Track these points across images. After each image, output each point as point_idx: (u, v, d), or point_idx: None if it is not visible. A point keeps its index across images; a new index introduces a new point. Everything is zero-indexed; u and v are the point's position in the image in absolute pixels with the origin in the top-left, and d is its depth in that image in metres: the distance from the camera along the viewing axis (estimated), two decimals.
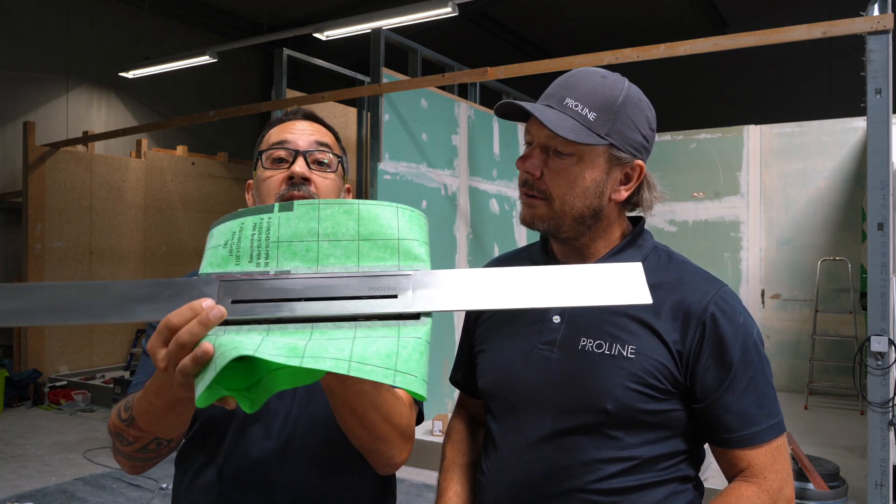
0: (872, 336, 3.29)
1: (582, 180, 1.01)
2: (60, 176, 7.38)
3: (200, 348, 0.68)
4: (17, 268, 7.61)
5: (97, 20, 9.38)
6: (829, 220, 6.61)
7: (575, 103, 1.00)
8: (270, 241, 0.81)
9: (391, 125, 4.94)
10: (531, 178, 1.03)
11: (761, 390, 1.00)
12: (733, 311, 1.01)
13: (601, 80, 1.02)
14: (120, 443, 1.01)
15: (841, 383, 6.32)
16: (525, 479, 1.03)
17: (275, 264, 0.79)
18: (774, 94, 10.16)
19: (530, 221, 1.06)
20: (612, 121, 1.00)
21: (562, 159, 1.01)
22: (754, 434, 0.98)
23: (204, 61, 7.63)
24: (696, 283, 1.04)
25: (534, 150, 1.04)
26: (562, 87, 1.03)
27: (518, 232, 6.56)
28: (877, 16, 3.38)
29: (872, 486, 3.30)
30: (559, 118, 0.99)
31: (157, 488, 4.24)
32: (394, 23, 5.86)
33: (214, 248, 0.82)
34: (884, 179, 3.29)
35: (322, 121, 1.24)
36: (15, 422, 6.00)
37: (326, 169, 1.17)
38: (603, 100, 1.00)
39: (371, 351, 0.69)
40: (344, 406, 0.93)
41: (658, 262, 1.08)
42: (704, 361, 0.99)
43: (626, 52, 4.02)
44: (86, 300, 0.74)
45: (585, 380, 1.00)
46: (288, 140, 1.16)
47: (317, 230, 0.82)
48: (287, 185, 1.12)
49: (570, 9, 9.91)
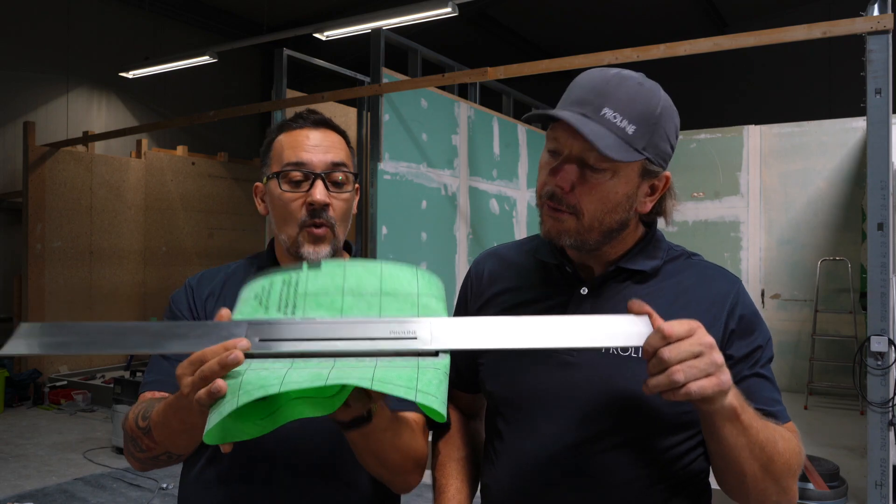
0: (872, 336, 3.29)
1: (615, 195, 0.98)
2: (60, 176, 7.37)
3: (215, 384, 0.76)
4: (17, 268, 7.61)
5: (97, 20, 9.37)
6: (829, 220, 6.61)
7: (614, 114, 0.94)
8: (298, 294, 0.87)
9: (391, 125, 4.94)
10: (560, 192, 0.98)
11: (770, 377, 1.04)
12: (752, 304, 1.05)
13: (639, 89, 0.96)
14: (134, 448, 1.05)
15: (841, 383, 6.32)
16: (545, 486, 1.00)
17: (301, 313, 0.86)
18: (774, 94, 10.15)
19: (557, 236, 1.00)
20: (650, 134, 0.96)
21: (596, 174, 0.96)
22: (781, 412, 1.01)
23: (204, 61, 7.62)
24: (717, 280, 1.05)
25: (565, 163, 0.97)
26: (597, 93, 0.96)
27: (518, 232, 6.56)
28: (877, 16, 3.38)
29: (872, 486, 3.30)
30: (600, 132, 0.93)
31: (157, 488, 4.24)
32: (394, 23, 5.86)
33: (245, 300, 0.89)
34: (884, 179, 3.29)
35: (333, 125, 1.23)
36: (15, 422, 6.00)
37: (343, 189, 1.18)
38: (642, 111, 0.95)
39: (392, 374, 0.75)
40: (366, 451, 0.97)
41: (676, 265, 1.08)
42: (728, 351, 1.00)
43: (626, 52, 4.02)
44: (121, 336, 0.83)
45: (616, 383, 0.98)
46: (304, 162, 1.15)
47: (342, 286, 0.89)
48: (307, 213, 1.14)
49: (570, 9, 9.91)
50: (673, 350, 0.79)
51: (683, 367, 0.78)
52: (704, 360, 0.79)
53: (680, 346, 0.79)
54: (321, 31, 6.49)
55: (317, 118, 1.21)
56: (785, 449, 0.93)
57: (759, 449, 0.89)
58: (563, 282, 1.07)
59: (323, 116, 1.22)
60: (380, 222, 4.74)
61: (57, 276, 7.32)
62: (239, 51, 9.96)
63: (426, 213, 5.24)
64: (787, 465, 0.93)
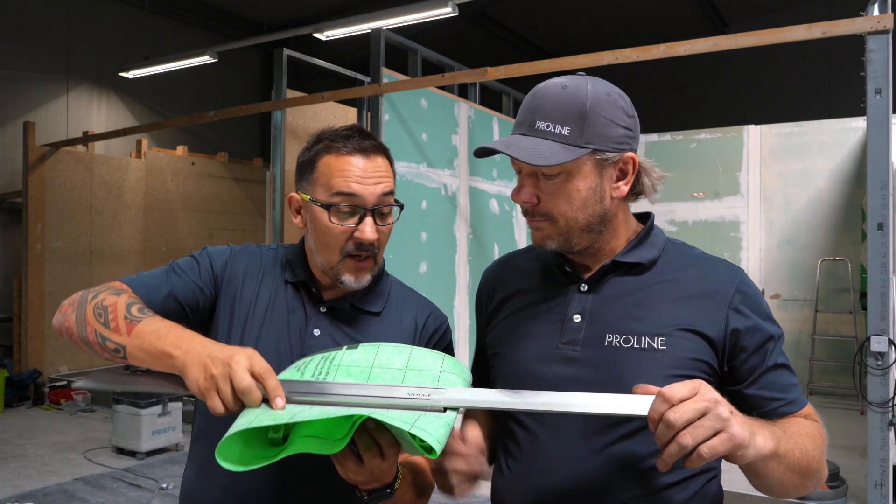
0: (872, 336, 3.29)
1: (577, 193, 1.02)
2: (60, 176, 7.37)
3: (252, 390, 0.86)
4: (17, 268, 7.61)
5: (97, 20, 9.37)
6: (829, 220, 6.61)
7: (546, 124, 1.00)
8: (332, 365, 0.96)
9: (391, 125, 4.94)
10: (530, 206, 1.04)
11: (788, 363, 1.06)
12: (756, 294, 1.06)
13: (563, 92, 1.01)
14: (97, 320, 1.03)
15: (841, 383, 6.32)
16: (559, 481, 1.01)
17: (332, 378, 0.94)
18: (774, 94, 10.15)
19: (542, 243, 1.06)
20: (586, 127, 0.99)
21: (552, 180, 1.01)
22: (798, 398, 1.04)
23: (204, 61, 7.63)
24: (718, 271, 1.07)
25: (524, 179, 1.04)
26: (529, 111, 1.02)
27: (518, 232, 6.56)
28: (877, 16, 3.38)
29: (872, 486, 3.30)
30: (533, 146, 0.99)
31: (157, 488, 4.24)
32: (394, 23, 5.86)
33: (286, 371, 0.97)
34: (884, 179, 3.29)
35: (382, 148, 1.18)
36: (15, 422, 6.00)
37: (388, 219, 1.17)
38: (571, 111, 0.99)
39: (395, 413, 0.83)
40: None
41: (675, 257, 1.09)
42: (741, 344, 1.01)
43: (626, 52, 4.01)
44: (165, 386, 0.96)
45: (621, 375, 0.99)
46: (356, 194, 1.11)
47: (373, 361, 0.97)
48: (353, 244, 1.13)
49: (570, 9, 9.91)
50: (677, 412, 0.78)
51: (690, 430, 0.78)
52: (710, 417, 0.78)
53: (683, 407, 0.78)
54: (321, 31, 6.49)
55: (368, 144, 1.15)
56: (814, 447, 0.98)
57: (797, 465, 0.94)
58: (564, 280, 1.10)
59: (374, 141, 1.17)
60: None
61: (57, 276, 7.32)
62: (239, 51, 9.97)
63: (426, 213, 5.24)
64: (819, 461, 0.99)
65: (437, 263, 5.33)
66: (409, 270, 4.97)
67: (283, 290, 1.20)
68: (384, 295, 1.23)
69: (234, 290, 1.19)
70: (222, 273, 1.20)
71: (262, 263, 1.23)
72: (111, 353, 1.02)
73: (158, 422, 4.95)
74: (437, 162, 5.42)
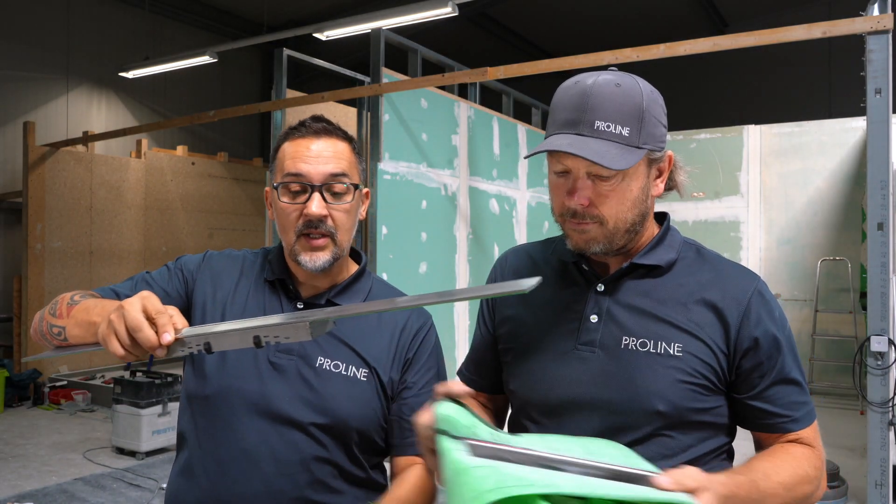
0: (872, 336, 3.29)
1: (630, 193, 1.01)
2: (60, 176, 7.37)
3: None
4: (17, 268, 7.61)
5: (97, 20, 9.37)
6: (829, 220, 6.61)
7: (606, 125, 0.97)
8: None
9: (391, 125, 4.94)
10: (581, 209, 1.00)
11: (800, 379, 1.04)
12: (772, 303, 1.04)
13: (618, 91, 0.98)
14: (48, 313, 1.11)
15: (841, 383, 6.32)
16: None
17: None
18: (774, 94, 10.16)
19: (585, 246, 1.03)
20: (643, 128, 0.98)
21: (607, 182, 0.99)
22: (803, 416, 1.03)
23: (204, 61, 7.63)
24: (734, 278, 1.05)
25: (578, 181, 1.00)
26: (582, 110, 0.98)
27: (518, 232, 6.56)
28: (877, 16, 3.38)
29: (872, 486, 3.30)
30: (601, 148, 0.95)
31: (157, 488, 4.24)
32: (394, 23, 5.86)
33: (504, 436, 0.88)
34: (884, 179, 3.29)
35: (338, 132, 1.22)
36: (15, 422, 6.00)
37: (342, 199, 1.18)
38: (629, 111, 0.97)
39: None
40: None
41: (692, 260, 1.08)
42: (751, 354, 1.01)
43: (626, 52, 4.01)
44: None
45: (634, 379, 0.99)
46: (303, 173, 1.16)
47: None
48: (303, 223, 1.16)
49: (569, 9, 9.91)
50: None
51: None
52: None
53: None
54: (321, 31, 6.49)
55: (319, 126, 1.20)
56: (803, 478, 0.97)
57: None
58: (581, 279, 1.10)
59: (326, 124, 1.21)
60: (380, 222, 4.74)
61: (57, 276, 7.32)
62: (239, 51, 9.97)
63: (426, 213, 5.23)
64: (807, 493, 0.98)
65: (436, 263, 5.33)
66: (408, 270, 4.97)
67: (262, 289, 1.23)
68: (363, 292, 1.25)
69: (208, 292, 1.23)
70: (194, 277, 1.24)
71: (241, 266, 1.27)
72: (56, 339, 1.07)
73: (158, 422, 4.94)
74: (437, 162, 5.42)
